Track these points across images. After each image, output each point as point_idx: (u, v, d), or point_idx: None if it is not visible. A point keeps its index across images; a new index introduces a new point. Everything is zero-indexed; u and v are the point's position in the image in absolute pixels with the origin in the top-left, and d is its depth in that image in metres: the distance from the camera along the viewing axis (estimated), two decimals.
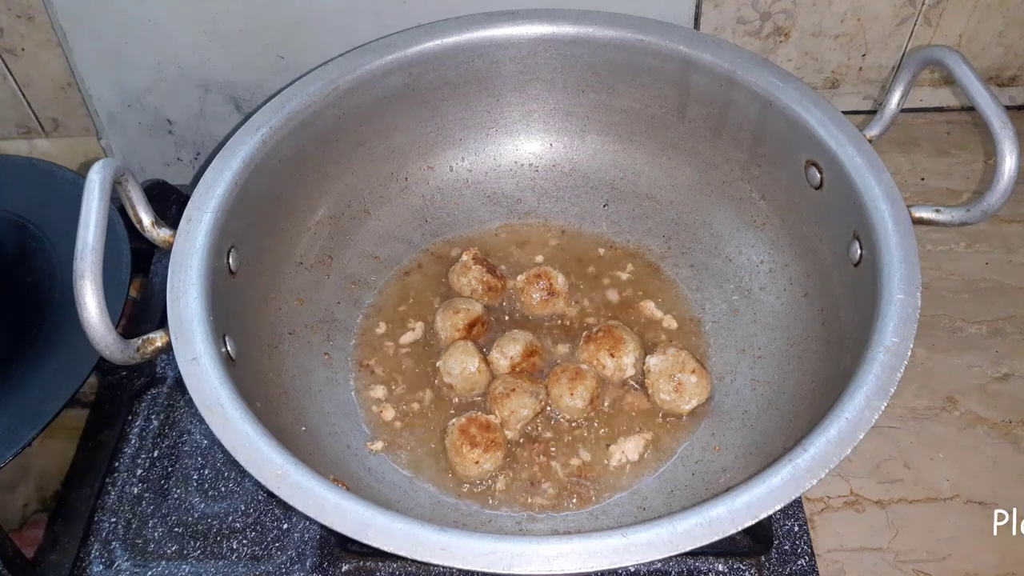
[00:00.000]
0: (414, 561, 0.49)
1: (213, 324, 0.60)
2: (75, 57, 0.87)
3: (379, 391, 0.74)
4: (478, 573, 0.49)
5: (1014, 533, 0.68)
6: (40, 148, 0.99)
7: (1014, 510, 0.69)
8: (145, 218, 0.64)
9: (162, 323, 0.60)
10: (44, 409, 0.67)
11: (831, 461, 0.51)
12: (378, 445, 0.71)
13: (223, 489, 0.72)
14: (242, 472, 0.64)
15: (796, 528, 0.67)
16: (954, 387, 0.77)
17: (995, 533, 0.68)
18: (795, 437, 0.54)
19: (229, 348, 0.62)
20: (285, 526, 0.70)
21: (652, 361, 0.72)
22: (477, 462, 0.67)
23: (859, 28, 0.90)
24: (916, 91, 0.81)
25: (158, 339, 0.59)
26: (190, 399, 0.56)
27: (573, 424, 0.72)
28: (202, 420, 0.54)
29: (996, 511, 0.69)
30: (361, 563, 0.68)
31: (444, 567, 0.50)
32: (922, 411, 0.76)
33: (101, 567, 0.68)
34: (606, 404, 0.73)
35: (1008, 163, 0.60)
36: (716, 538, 0.49)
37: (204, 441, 0.75)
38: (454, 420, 0.70)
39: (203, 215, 0.65)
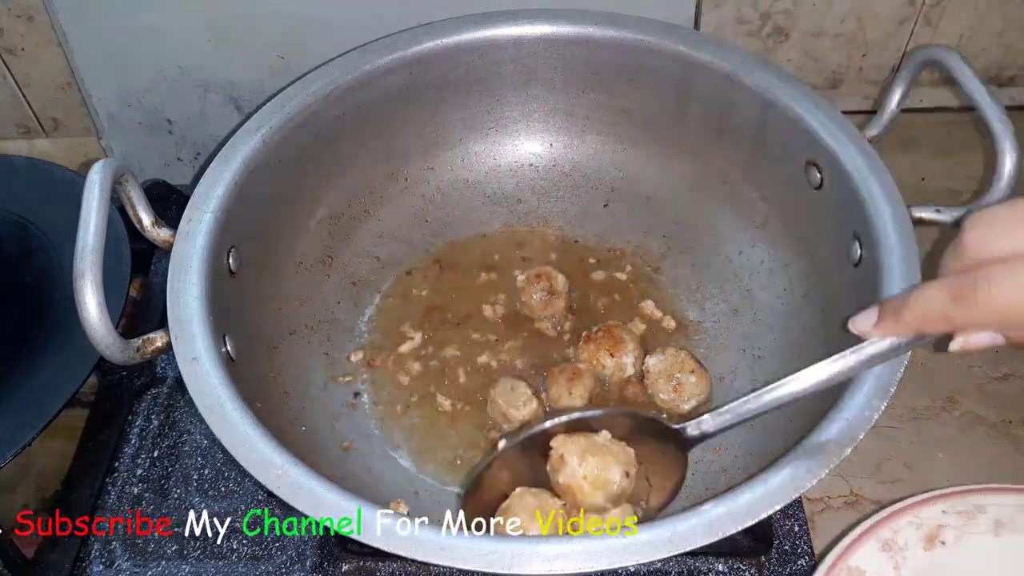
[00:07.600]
0: (414, 561, 0.49)
1: (213, 324, 0.60)
2: (75, 57, 0.87)
3: (379, 391, 0.74)
4: (478, 573, 0.49)
5: None
6: (40, 148, 0.99)
7: None
8: (145, 218, 0.64)
9: (162, 323, 0.60)
10: (44, 409, 0.67)
11: (831, 461, 0.51)
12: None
13: (223, 489, 0.72)
14: (242, 472, 0.64)
15: (796, 528, 0.67)
16: (954, 387, 0.77)
17: None
18: (795, 437, 0.54)
19: (229, 348, 0.62)
20: None
21: (651, 361, 0.72)
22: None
23: (859, 28, 0.90)
24: (916, 91, 0.80)
25: (158, 339, 0.59)
26: (190, 399, 0.56)
27: None
28: (202, 420, 0.54)
29: None
30: (361, 563, 0.67)
31: (444, 567, 0.50)
32: (922, 411, 0.75)
33: (101, 567, 0.68)
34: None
35: (1008, 163, 0.60)
36: (716, 538, 0.49)
37: (204, 441, 0.75)
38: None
39: (203, 215, 0.65)
